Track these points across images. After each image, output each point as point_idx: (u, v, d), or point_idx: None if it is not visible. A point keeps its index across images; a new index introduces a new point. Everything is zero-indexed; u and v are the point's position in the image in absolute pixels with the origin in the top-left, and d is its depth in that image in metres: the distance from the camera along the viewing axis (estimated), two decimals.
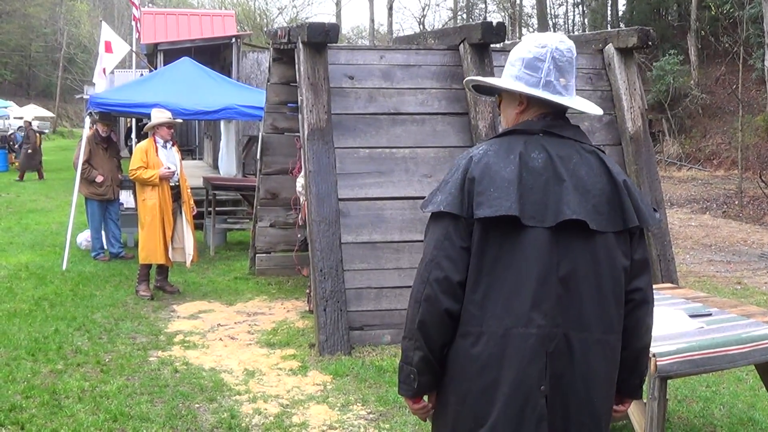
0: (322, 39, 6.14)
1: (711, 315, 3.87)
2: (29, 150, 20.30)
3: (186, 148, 20.28)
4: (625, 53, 6.87)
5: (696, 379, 5.08)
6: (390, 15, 39.71)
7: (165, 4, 48.59)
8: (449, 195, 2.08)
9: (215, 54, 17.32)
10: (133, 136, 15.78)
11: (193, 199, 7.94)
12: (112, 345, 5.96)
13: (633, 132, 6.73)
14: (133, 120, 15.72)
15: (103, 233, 9.51)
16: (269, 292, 7.97)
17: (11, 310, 6.89)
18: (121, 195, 9.87)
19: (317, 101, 6.16)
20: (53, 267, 8.80)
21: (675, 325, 3.60)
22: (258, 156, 9.02)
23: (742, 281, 8.79)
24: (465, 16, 42.36)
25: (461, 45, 6.72)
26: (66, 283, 7.99)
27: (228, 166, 13.60)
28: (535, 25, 37.57)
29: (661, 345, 3.32)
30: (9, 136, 25.95)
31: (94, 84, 14.06)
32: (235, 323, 6.75)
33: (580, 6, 39.35)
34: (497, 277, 2.04)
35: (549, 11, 38.60)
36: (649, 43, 6.75)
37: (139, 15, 16.47)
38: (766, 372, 3.94)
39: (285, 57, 7.69)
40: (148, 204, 7.33)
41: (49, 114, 41.06)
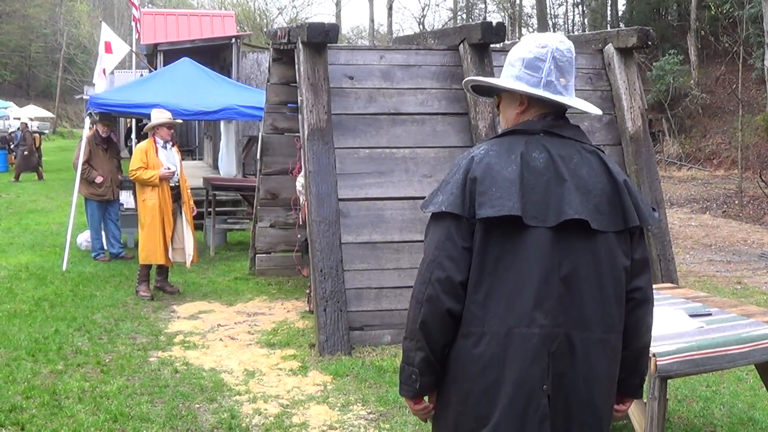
0: (321, 39, 6.14)
1: (711, 315, 3.86)
2: (25, 152, 20.35)
3: (186, 148, 20.29)
4: (625, 53, 6.88)
5: (696, 379, 5.08)
6: (390, 15, 39.78)
7: (165, 4, 48.63)
8: (451, 195, 2.07)
9: (215, 54, 17.31)
10: (133, 136, 15.78)
11: (193, 200, 7.95)
12: (112, 345, 5.96)
13: (633, 132, 6.73)
14: (133, 120, 15.72)
15: (103, 234, 9.52)
16: (269, 292, 7.97)
17: (11, 310, 6.89)
18: (121, 195, 9.87)
19: (317, 101, 6.16)
20: (53, 267, 8.80)
21: (675, 325, 3.60)
22: (258, 156, 9.02)
23: (742, 281, 8.79)
24: (465, 16, 42.36)
25: (461, 45, 6.72)
26: (66, 284, 7.99)
27: (228, 166, 13.60)
28: (535, 25, 37.58)
29: (661, 345, 3.32)
30: (9, 135, 25.93)
31: (93, 84, 14.04)
32: (235, 323, 6.75)
33: (579, 6, 39.37)
34: (499, 277, 2.04)
35: (549, 11, 38.61)
36: (649, 43, 6.75)
37: (139, 15, 16.46)
38: (766, 372, 3.94)
39: (285, 57, 7.69)
40: (148, 204, 7.33)
41: (49, 114, 41.10)
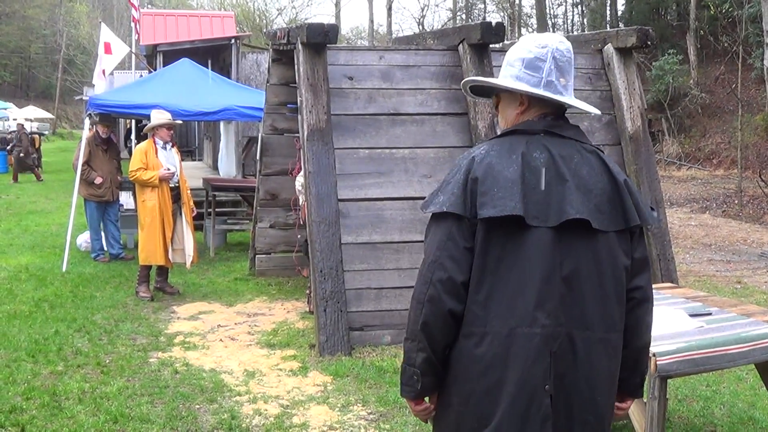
0: (321, 40, 6.14)
1: (711, 314, 3.86)
2: (20, 153, 20.39)
3: (186, 149, 20.29)
4: (625, 53, 6.88)
5: (696, 379, 5.08)
6: (389, 15, 39.83)
7: (164, 5, 48.62)
8: (452, 195, 2.07)
9: (215, 55, 17.31)
10: (133, 137, 15.77)
11: (193, 200, 7.95)
12: (112, 346, 5.96)
13: (632, 132, 6.73)
14: (133, 121, 15.71)
15: (103, 235, 9.52)
16: (269, 292, 7.97)
17: (11, 311, 6.89)
18: (121, 196, 9.87)
19: (317, 102, 6.16)
20: (53, 268, 8.80)
21: (675, 325, 3.60)
22: (258, 157, 9.02)
23: (741, 280, 8.80)
24: (464, 16, 42.35)
25: (460, 45, 6.73)
26: (66, 285, 7.99)
27: (228, 167, 13.60)
28: (534, 25, 37.57)
29: (661, 344, 3.32)
30: (9, 135, 25.93)
31: (93, 85, 14.03)
32: (236, 324, 6.75)
33: (579, 6, 39.40)
34: (500, 277, 2.04)
35: (548, 11, 38.61)
36: (649, 43, 6.75)
37: (139, 16, 16.44)
38: (766, 371, 3.94)
39: (284, 58, 7.69)
40: (147, 205, 7.33)
41: (49, 115, 41.12)
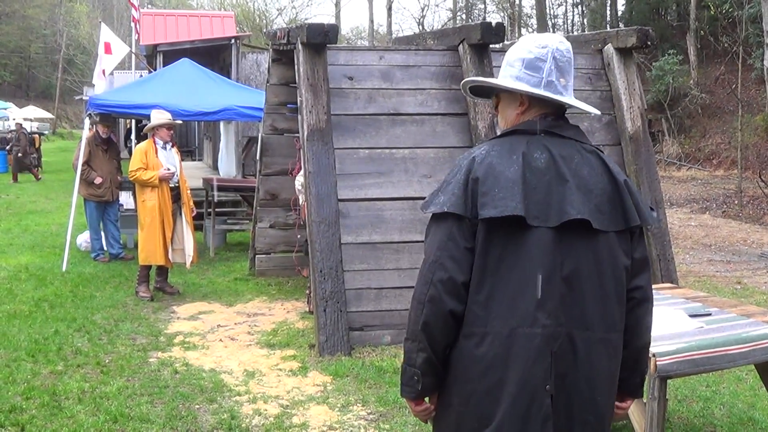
0: (321, 40, 6.14)
1: (711, 315, 3.87)
2: (19, 153, 20.44)
3: (186, 149, 20.29)
4: (625, 53, 6.88)
5: (696, 379, 5.08)
6: (389, 16, 39.83)
7: (164, 5, 48.62)
8: (452, 195, 2.06)
9: (215, 55, 17.31)
10: (133, 137, 15.77)
11: (193, 200, 7.95)
12: (112, 346, 5.96)
13: (632, 132, 6.73)
14: (133, 121, 15.71)
15: (103, 234, 9.52)
16: (269, 293, 7.97)
17: (11, 311, 6.89)
18: (121, 196, 9.87)
19: (317, 102, 6.16)
20: (53, 268, 8.80)
21: (675, 325, 3.60)
22: (258, 157, 9.02)
23: (741, 281, 8.80)
24: (464, 16, 42.35)
25: (460, 45, 6.73)
26: (66, 285, 7.99)
27: (228, 167, 13.60)
28: (535, 26, 37.57)
29: (661, 345, 3.32)
30: (8, 134, 25.93)
31: (93, 85, 14.03)
32: (235, 324, 6.75)
33: (579, 6, 39.39)
34: (501, 278, 2.04)
35: (548, 11, 38.61)
36: (649, 43, 6.75)
37: (139, 16, 16.45)
38: (766, 371, 3.94)
39: (284, 58, 7.69)
40: (147, 205, 7.33)
41: (49, 115, 41.12)
